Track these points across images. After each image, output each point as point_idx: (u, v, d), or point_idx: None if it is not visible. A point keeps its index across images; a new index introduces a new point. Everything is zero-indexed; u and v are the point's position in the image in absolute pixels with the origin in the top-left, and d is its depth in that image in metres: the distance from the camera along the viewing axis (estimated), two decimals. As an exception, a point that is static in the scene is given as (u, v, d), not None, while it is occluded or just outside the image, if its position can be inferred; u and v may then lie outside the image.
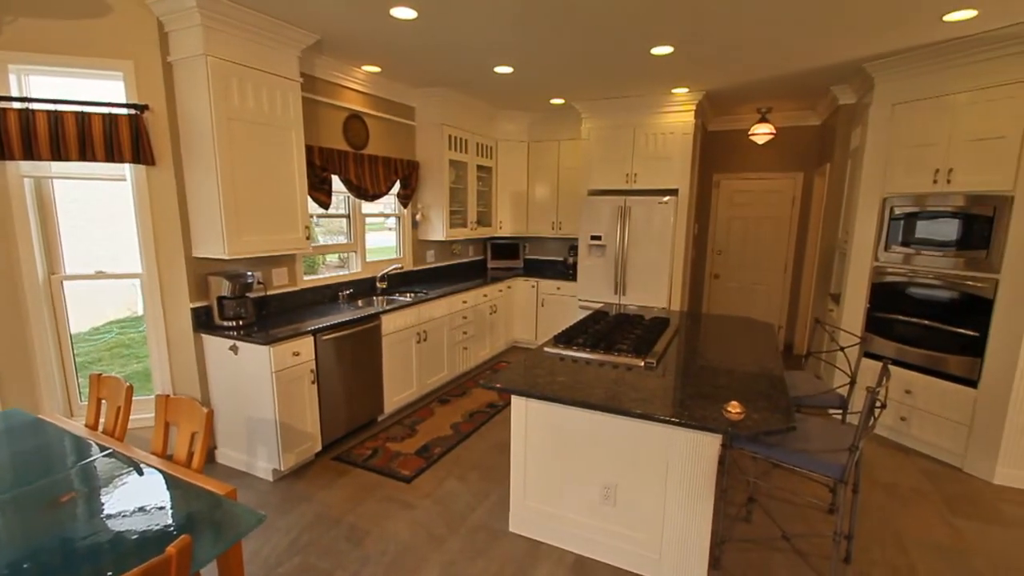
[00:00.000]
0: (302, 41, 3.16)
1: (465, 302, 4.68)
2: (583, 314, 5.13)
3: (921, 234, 3.45)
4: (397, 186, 4.55)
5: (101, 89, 2.77)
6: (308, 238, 3.40)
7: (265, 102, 3.03)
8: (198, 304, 3.05)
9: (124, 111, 2.69)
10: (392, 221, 4.82)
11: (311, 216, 3.68)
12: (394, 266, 4.55)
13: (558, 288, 5.52)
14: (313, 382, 3.13)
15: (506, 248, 6.16)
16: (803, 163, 5.55)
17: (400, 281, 4.80)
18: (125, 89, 2.76)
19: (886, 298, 3.70)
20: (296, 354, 2.98)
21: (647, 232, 4.77)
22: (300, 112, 3.25)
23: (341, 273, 4.22)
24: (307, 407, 3.11)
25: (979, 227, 3.14)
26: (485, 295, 5.05)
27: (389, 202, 4.73)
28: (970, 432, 3.21)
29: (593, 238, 5.00)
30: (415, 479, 3.05)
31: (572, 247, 5.90)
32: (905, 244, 3.55)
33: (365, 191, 4.08)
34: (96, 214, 3.06)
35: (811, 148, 5.49)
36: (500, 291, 5.36)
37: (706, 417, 1.93)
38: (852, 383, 2.74)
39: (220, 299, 3.05)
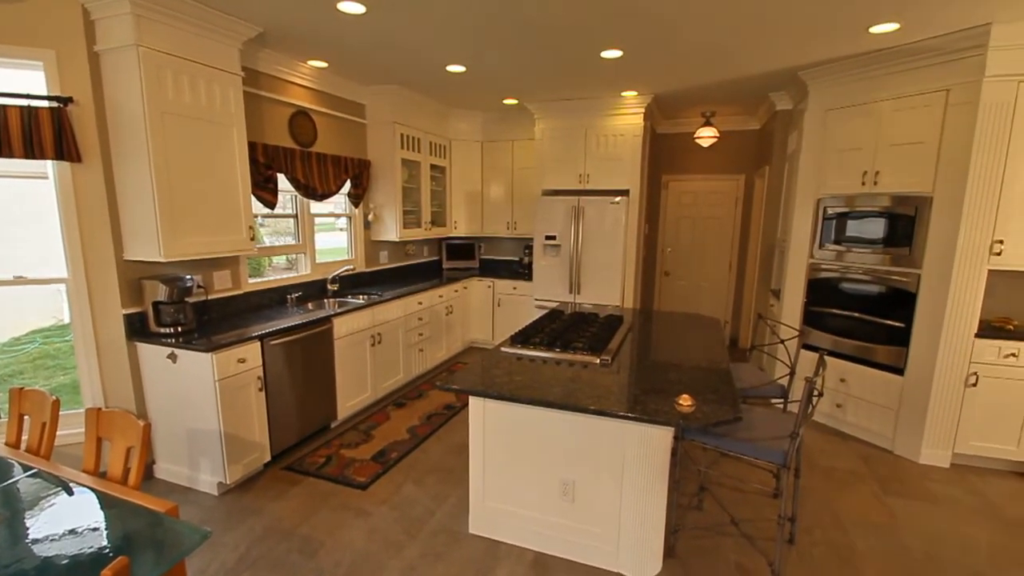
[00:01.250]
0: (243, 33, 3.02)
1: (420, 303, 4.62)
2: (539, 313, 5.17)
3: (851, 233, 3.68)
4: (348, 185, 4.43)
5: (20, 80, 2.55)
6: (253, 239, 3.25)
7: (203, 96, 2.88)
8: (131, 310, 2.86)
9: (45, 104, 2.49)
10: (343, 221, 4.69)
11: (256, 216, 3.54)
12: (346, 267, 4.43)
13: (514, 288, 5.54)
14: (261, 389, 3.00)
15: (461, 248, 6.13)
16: (745, 165, 5.82)
17: (352, 283, 4.68)
18: (46, 80, 2.55)
19: (821, 293, 3.93)
20: (241, 361, 2.85)
21: (600, 231, 4.86)
22: (242, 107, 3.11)
23: (289, 275, 4.07)
24: (255, 416, 2.98)
25: (903, 226, 3.38)
26: (441, 296, 5.00)
27: (340, 202, 4.60)
28: (898, 416, 3.46)
29: (548, 238, 5.05)
30: (371, 485, 2.98)
31: (527, 247, 5.94)
32: (837, 242, 3.78)
33: (314, 190, 3.95)
34: (17, 214, 2.81)
35: (752, 151, 5.76)
36: (456, 292, 5.32)
37: (659, 411, 1.99)
38: (792, 374, 2.89)
39: (156, 304, 2.88)
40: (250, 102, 3.44)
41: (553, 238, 5.03)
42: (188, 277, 2.97)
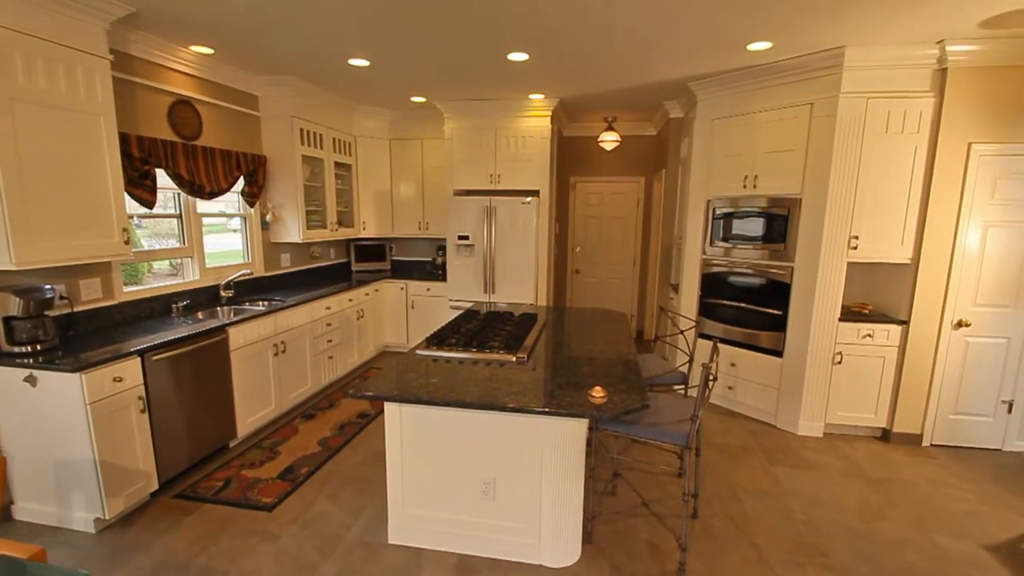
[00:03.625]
0: (111, 12, 2.68)
1: (329, 308, 4.39)
2: (455, 314, 5.13)
3: (737, 231, 4.06)
4: (241, 183, 4.10)
5: None
6: (128, 242, 2.90)
7: (63, 82, 2.51)
8: (-28, 328, 2.43)
9: None
10: (237, 222, 4.33)
11: (131, 217, 3.16)
12: (242, 272, 4.09)
13: (428, 289, 5.45)
14: (143, 411, 2.68)
15: (371, 250, 5.91)
16: (644, 169, 6.19)
17: (250, 288, 4.33)
18: None
19: (713, 286, 4.28)
20: (118, 380, 2.53)
21: (512, 231, 4.93)
22: (111, 95, 2.75)
23: (174, 282, 3.67)
24: (137, 441, 2.65)
25: (778, 224, 3.79)
26: (351, 299, 4.79)
27: (233, 200, 4.25)
28: (779, 394, 3.86)
29: (461, 238, 5.02)
30: (278, 506, 2.77)
31: (440, 247, 5.87)
32: (725, 240, 4.15)
33: (201, 188, 3.60)
34: None
35: (650, 155, 6.14)
36: (367, 295, 5.13)
37: (574, 404, 2.05)
38: (690, 361, 3.12)
39: (8, 320, 2.47)
40: (122, 89, 3.07)
41: (466, 238, 5.01)
42: (48, 287, 2.58)
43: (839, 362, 3.63)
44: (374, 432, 3.68)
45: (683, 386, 3.03)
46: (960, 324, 3.42)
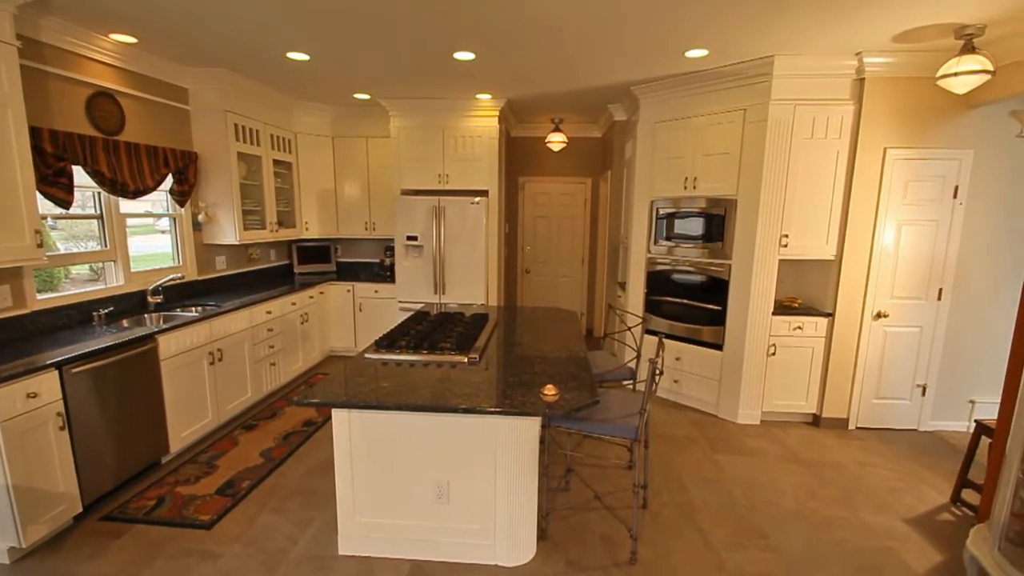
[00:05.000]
0: (15, -9, 2.44)
1: (270, 312, 4.20)
2: (404, 316, 5.04)
3: (678, 230, 4.21)
4: (169, 181, 3.84)
5: None
6: (40, 245, 2.65)
7: (-43, 65, 2.26)
8: None
9: None
10: (165, 223, 4.06)
11: (44, 218, 2.90)
12: (172, 276, 3.84)
13: (376, 291, 5.32)
14: (63, 428, 2.46)
15: (315, 251, 5.71)
16: (591, 170, 6.32)
17: (182, 293, 4.07)
18: None
19: (658, 284, 4.43)
20: (32, 395, 2.31)
21: (462, 232, 4.90)
22: (19, 85, 2.50)
23: (95, 288, 3.40)
24: (56, 461, 2.43)
25: (716, 224, 3.96)
26: (294, 303, 4.60)
27: (161, 200, 3.98)
28: (720, 386, 4.05)
29: (409, 238, 4.94)
30: (218, 523, 2.62)
31: (388, 248, 5.75)
32: (668, 239, 4.30)
33: (125, 187, 3.35)
34: None
35: (596, 157, 6.28)
36: (311, 298, 4.94)
37: (526, 403, 2.06)
38: (638, 357, 3.21)
39: None
40: (32, 80, 2.80)
41: (415, 239, 4.94)
42: (-58, 296, 2.32)
43: (773, 353, 3.85)
44: (321, 440, 3.56)
45: (631, 381, 3.11)
46: (879, 315, 3.71)
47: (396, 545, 2.36)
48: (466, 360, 2.58)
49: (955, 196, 3.54)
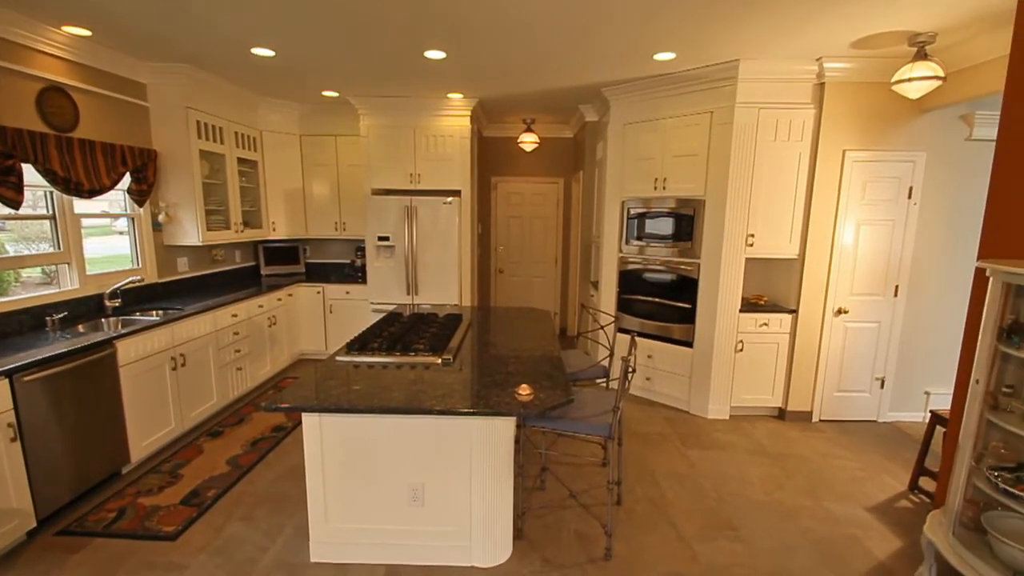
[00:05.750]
0: (-44, -22, 2.31)
1: (235, 315, 4.08)
2: (376, 317, 4.97)
3: (649, 230, 4.28)
4: (127, 180, 3.69)
5: None
6: (-12, 248, 2.51)
7: None
8: None
9: None
10: (123, 223, 3.90)
11: (-9, 218, 2.74)
12: (130, 279, 3.68)
13: (347, 292, 5.23)
14: (14, 439, 2.33)
15: (283, 252, 5.57)
16: (563, 170, 6.36)
17: (142, 297, 3.92)
18: None
19: (630, 283, 4.49)
20: (-22, 406, 2.18)
21: (434, 232, 4.86)
22: (-40, 75, 2.37)
23: (48, 292, 3.23)
24: (7, 474, 2.30)
25: (685, 223, 4.04)
26: (261, 306, 4.48)
27: (118, 199, 3.82)
28: (691, 382, 4.13)
29: (381, 239, 4.88)
30: (183, 534, 2.53)
31: (359, 248, 5.66)
32: (639, 238, 4.36)
33: (79, 186, 3.20)
34: None
35: (568, 157, 6.32)
36: (279, 300, 4.82)
37: (501, 403, 2.05)
38: (611, 355, 3.25)
39: None
40: (-28, 69, 2.65)
41: (386, 239, 4.87)
42: None
43: (741, 350, 3.95)
44: (291, 446, 3.47)
45: (605, 379, 3.14)
46: (840, 311, 3.85)
47: (370, 550, 2.32)
48: (440, 361, 2.56)
49: (910, 196, 3.70)
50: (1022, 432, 1.85)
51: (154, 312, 3.62)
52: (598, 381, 3.15)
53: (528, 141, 5.52)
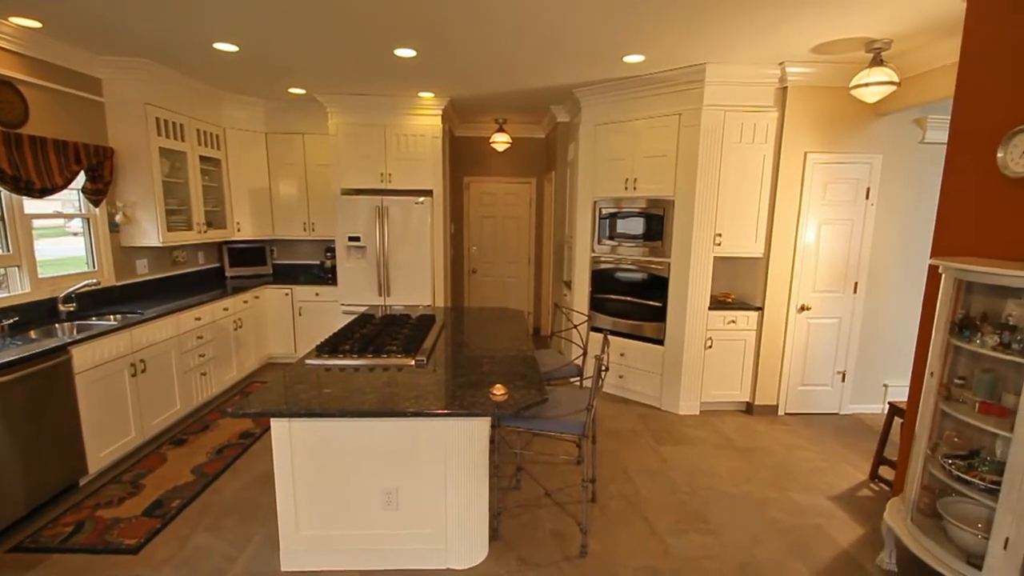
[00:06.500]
0: None
1: (199, 319, 3.94)
2: (348, 319, 4.89)
3: (621, 229, 4.34)
4: (82, 178, 3.53)
5: None
6: (-73, 250, 2.36)
7: None
8: None
9: None
10: (78, 223, 3.73)
11: (-70, 218, 2.58)
12: (86, 282, 3.53)
13: (316, 294, 5.12)
14: (-44, 454, 2.20)
15: (248, 253, 5.42)
16: (535, 170, 6.39)
17: (99, 301, 3.75)
18: None
19: (602, 282, 4.54)
20: (-83, 419, 2.05)
21: (406, 232, 4.81)
22: None
23: (-4, 297, 3.07)
24: (-53, 491, 2.17)
25: (656, 223, 4.11)
26: (226, 308, 4.35)
27: (72, 199, 3.65)
28: (662, 379, 4.20)
29: (351, 239, 4.79)
30: (146, 546, 2.43)
31: (329, 249, 5.55)
32: (611, 238, 4.41)
33: (30, 185, 3.04)
34: None
35: (540, 157, 6.35)
36: (246, 302, 4.69)
37: (476, 404, 2.05)
38: (584, 354, 3.28)
39: None
40: (-93, 60, 2.49)
41: (357, 239, 4.79)
42: None
43: (710, 346, 4.04)
44: (259, 452, 3.38)
45: (578, 378, 3.17)
46: (803, 308, 3.98)
47: (343, 556, 2.28)
48: (413, 363, 2.53)
49: (867, 197, 3.85)
50: (974, 421, 1.95)
51: (112, 316, 3.47)
52: (572, 380, 3.17)
53: (500, 141, 5.52)
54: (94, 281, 3.59)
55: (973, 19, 2.27)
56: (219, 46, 3.37)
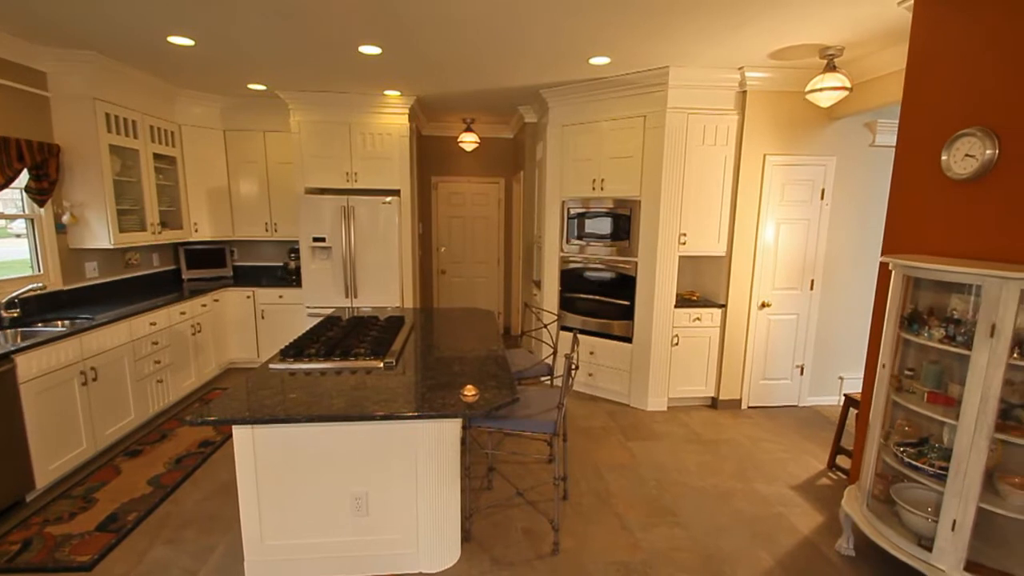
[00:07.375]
0: None
1: (154, 324, 3.78)
2: (314, 322, 4.78)
3: (589, 229, 4.38)
4: (24, 177, 3.33)
5: None
6: None
7: None
8: None
9: None
10: (21, 224, 3.52)
11: None
12: (30, 286, 3.33)
13: (280, 296, 4.98)
14: None
15: (207, 255, 5.23)
16: (503, 170, 6.39)
17: (45, 305, 3.55)
18: None
19: (571, 281, 4.58)
20: None
21: (373, 232, 4.73)
22: None
23: (-72, 303, 2.86)
24: None
25: (623, 223, 4.17)
26: (183, 312, 4.18)
27: (15, 199, 3.44)
28: (631, 377, 4.27)
29: (316, 240, 4.68)
30: (100, 562, 2.31)
31: (293, 250, 5.41)
32: (579, 238, 4.45)
33: (-35, 183, 2.85)
34: None
35: (509, 157, 6.35)
36: (204, 306, 4.52)
37: (446, 405, 2.03)
38: (554, 353, 3.29)
39: None
40: None
41: (322, 240, 4.69)
42: None
43: (676, 343, 4.13)
44: (221, 461, 3.27)
45: (549, 377, 3.18)
46: (763, 305, 4.11)
47: (311, 565, 2.22)
48: (382, 365, 2.49)
49: (822, 197, 4.01)
50: (922, 410, 2.06)
51: (60, 322, 3.29)
52: (543, 379, 3.19)
53: (468, 141, 5.49)
54: (39, 285, 3.39)
55: (919, 28, 2.39)
56: (173, 40, 3.24)
